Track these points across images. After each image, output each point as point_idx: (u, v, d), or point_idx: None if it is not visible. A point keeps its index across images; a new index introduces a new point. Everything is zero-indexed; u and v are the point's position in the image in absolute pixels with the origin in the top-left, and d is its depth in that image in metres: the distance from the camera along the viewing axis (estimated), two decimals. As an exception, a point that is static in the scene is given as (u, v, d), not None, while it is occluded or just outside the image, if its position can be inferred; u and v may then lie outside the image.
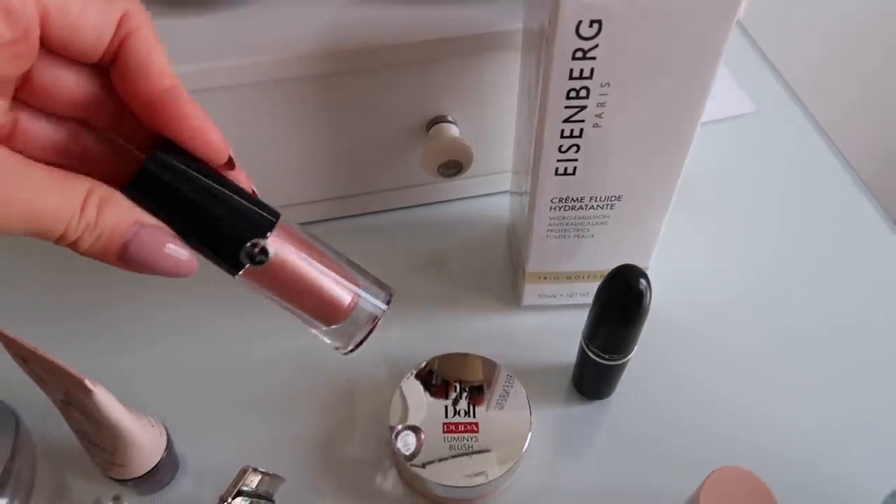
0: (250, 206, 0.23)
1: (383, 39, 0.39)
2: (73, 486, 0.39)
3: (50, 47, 0.21)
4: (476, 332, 0.45)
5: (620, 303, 0.35)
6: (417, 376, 0.40)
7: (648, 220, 0.40)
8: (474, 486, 0.36)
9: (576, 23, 0.29)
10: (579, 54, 0.30)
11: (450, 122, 0.44)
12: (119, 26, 0.21)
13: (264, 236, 0.23)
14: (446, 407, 0.39)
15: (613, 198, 0.38)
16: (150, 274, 0.22)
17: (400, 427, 0.38)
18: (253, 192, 0.25)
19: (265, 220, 0.24)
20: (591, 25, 0.29)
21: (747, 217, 0.51)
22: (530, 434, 0.38)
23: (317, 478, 0.39)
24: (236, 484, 0.33)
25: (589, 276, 0.43)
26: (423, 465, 0.37)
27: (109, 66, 0.22)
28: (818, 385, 0.42)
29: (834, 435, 0.40)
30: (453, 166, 0.43)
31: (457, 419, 0.38)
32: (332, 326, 0.25)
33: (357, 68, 0.41)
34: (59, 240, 0.21)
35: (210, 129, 0.23)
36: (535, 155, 0.36)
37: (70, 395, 0.32)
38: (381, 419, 0.40)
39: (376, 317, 0.26)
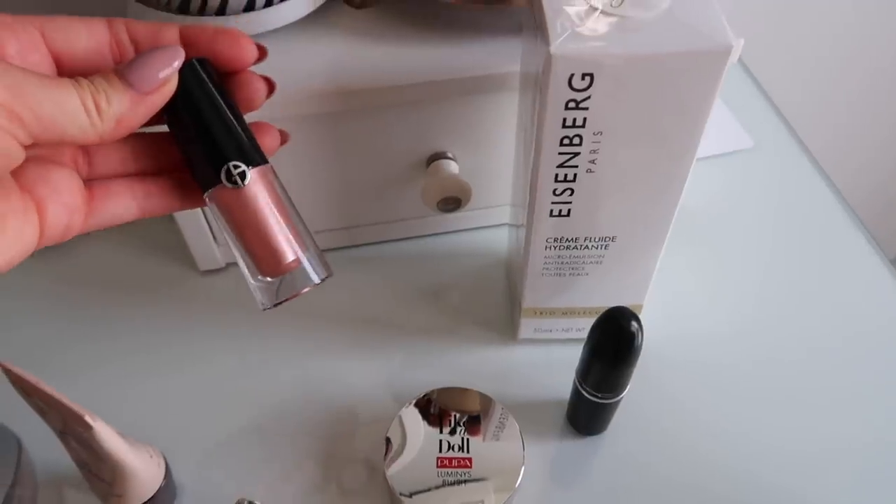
0: (249, 140, 0.27)
1: (385, 80, 0.40)
2: (73, 513, 0.40)
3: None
4: (474, 364, 0.46)
5: (612, 345, 0.35)
6: (413, 410, 0.41)
7: (643, 260, 0.40)
8: (466, 522, 0.37)
9: (568, 76, 0.30)
10: (572, 104, 0.31)
11: (449, 158, 0.45)
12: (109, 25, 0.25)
13: (248, 166, 0.26)
14: (441, 441, 0.39)
15: (608, 238, 0.38)
16: (157, 83, 0.24)
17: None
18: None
19: (256, 155, 0.27)
20: (583, 78, 0.30)
21: (744, 253, 0.51)
22: (523, 469, 0.38)
23: (312, 508, 0.40)
24: (231, 516, 0.34)
25: (584, 312, 0.43)
26: (417, 499, 0.37)
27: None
28: (815, 426, 0.43)
29: (829, 473, 0.41)
30: (452, 202, 0.44)
31: (451, 454, 0.39)
32: (267, 279, 0.27)
33: (361, 107, 0.42)
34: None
35: (236, 32, 0.26)
36: (531, 197, 0.36)
37: (69, 427, 0.32)
38: (378, 450, 0.41)
39: (306, 284, 0.27)
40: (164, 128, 0.27)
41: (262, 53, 0.27)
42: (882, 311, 0.48)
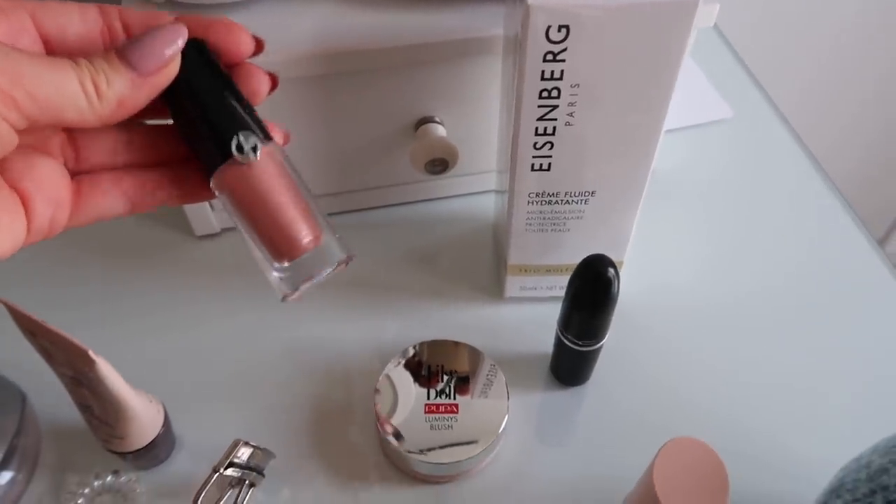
0: (258, 120, 0.26)
1: (373, 43, 0.42)
2: (75, 462, 0.41)
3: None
4: (462, 322, 0.47)
5: (591, 291, 0.37)
6: (404, 362, 0.42)
7: (621, 216, 0.42)
8: (452, 464, 0.39)
9: (545, 27, 0.32)
10: (549, 57, 0.33)
11: (437, 122, 0.47)
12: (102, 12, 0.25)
13: (260, 139, 0.25)
14: (429, 390, 0.41)
15: (587, 193, 0.40)
16: (160, 64, 0.23)
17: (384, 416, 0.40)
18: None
19: (266, 134, 0.26)
20: (559, 30, 0.32)
21: (722, 218, 0.53)
22: (507, 416, 0.40)
23: (306, 457, 0.42)
24: (228, 455, 0.36)
25: (567, 269, 0.45)
26: (406, 444, 0.39)
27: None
28: (781, 370, 0.45)
29: (791, 412, 0.43)
30: (439, 164, 0.46)
31: (438, 400, 0.40)
32: (284, 263, 0.26)
33: (348, 70, 0.43)
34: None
35: (232, 23, 0.26)
36: (513, 152, 0.38)
37: (76, 369, 0.34)
38: (369, 402, 0.42)
39: (326, 265, 0.26)
40: (158, 120, 0.26)
41: (259, 46, 0.26)
42: (854, 270, 0.50)
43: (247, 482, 0.37)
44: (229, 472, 0.36)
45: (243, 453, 0.36)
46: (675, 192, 0.54)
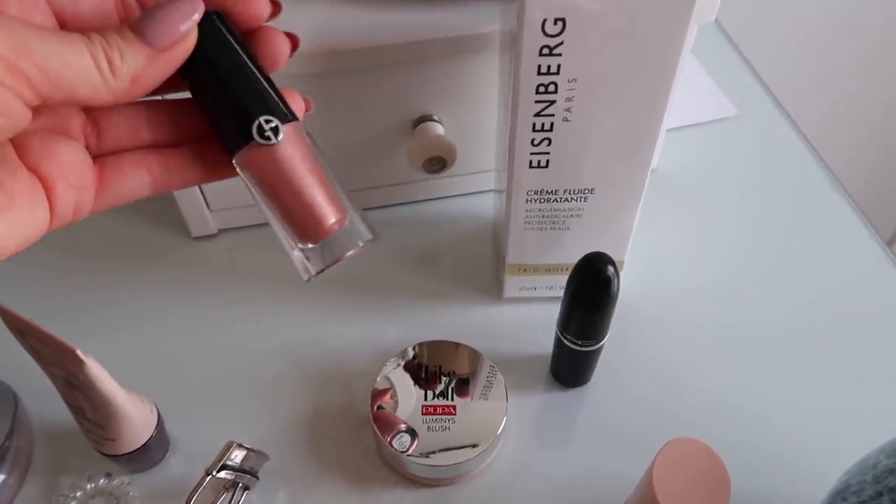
0: (279, 96, 0.25)
1: (371, 40, 0.41)
2: (68, 464, 0.41)
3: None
4: (461, 323, 0.47)
5: (589, 289, 0.36)
6: (403, 363, 0.42)
7: (621, 214, 0.41)
8: (450, 466, 0.38)
9: (541, 21, 0.31)
10: (546, 51, 0.32)
11: (435, 120, 0.46)
12: None
13: (282, 120, 0.24)
14: (427, 391, 0.40)
15: (586, 191, 0.39)
16: (176, 38, 0.22)
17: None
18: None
19: (286, 111, 0.25)
20: (555, 23, 0.31)
21: (726, 217, 0.52)
22: (505, 418, 0.39)
23: (302, 459, 0.41)
24: (221, 457, 0.35)
25: (567, 269, 0.44)
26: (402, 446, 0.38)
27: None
28: (786, 372, 0.44)
29: (796, 414, 0.42)
30: (437, 162, 0.45)
31: (436, 402, 0.40)
32: (308, 245, 0.25)
33: (347, 68, 0.43)
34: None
35: None
36: (510, 149, 0.37)
37: (66, 370, 0.33)
38: (366, 403, 0.42)
39: (352, 247, 0.26)
40: (181, 94, 0.26)
41: (276, 8, 0.25)
42: (858, 268, 0.49)
43: (240, 485, 0.37)
44: (222, 474, 0.35)
45: (237, 455, 0.36)
46: (678, 191, 0.53)
